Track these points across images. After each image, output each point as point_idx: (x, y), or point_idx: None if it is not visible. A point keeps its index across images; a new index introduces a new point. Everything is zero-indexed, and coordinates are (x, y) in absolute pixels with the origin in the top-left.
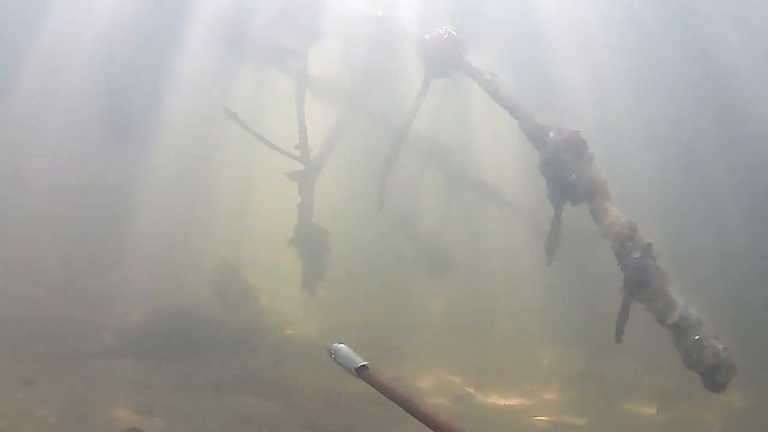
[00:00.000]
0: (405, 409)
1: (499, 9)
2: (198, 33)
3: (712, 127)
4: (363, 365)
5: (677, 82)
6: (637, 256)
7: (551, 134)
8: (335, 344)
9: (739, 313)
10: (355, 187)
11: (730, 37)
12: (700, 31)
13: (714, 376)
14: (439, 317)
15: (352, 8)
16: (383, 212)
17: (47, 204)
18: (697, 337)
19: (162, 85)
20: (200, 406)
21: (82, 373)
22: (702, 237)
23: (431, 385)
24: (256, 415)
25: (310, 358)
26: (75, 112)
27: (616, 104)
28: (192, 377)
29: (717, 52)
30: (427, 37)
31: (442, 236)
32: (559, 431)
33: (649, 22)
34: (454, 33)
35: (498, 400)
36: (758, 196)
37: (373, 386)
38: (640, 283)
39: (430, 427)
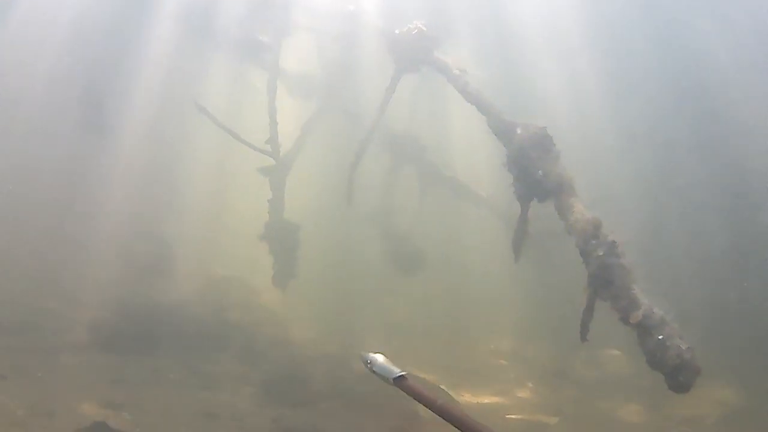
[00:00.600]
0: (446, 420)
1: (474, 4)
2: (170, 26)
3: (690, 128)
4: (401, 375)
5: (655, 81)
6: (601, 253)
7: (518, 130)
8: (370, 354)
9: (715, 312)
10: (329, 183)
11: (709, 36)
12: (678, 30)
13: (677, 376)
14: (411, 314)
15: (324, 2)
16: (357, 208)
17: (20, 196)
18: (660, 337)
19: (133, 78)
20: (169, 401)
21: (52, 367)
22: (680, 238)
23: None
24: (224, 410)
25: (280, 353)
26: (46, 102)
27: (593, 104)
28: (162, 372)
29: (695, 52)
30: (397, 32)
31: (415, 233)
32: (530, 430)
33: (627, 21)
34: (424, 28)
35: (471, 399)
36: (737, 196)
37: (412, 396)
38: (604, 281)
39: None
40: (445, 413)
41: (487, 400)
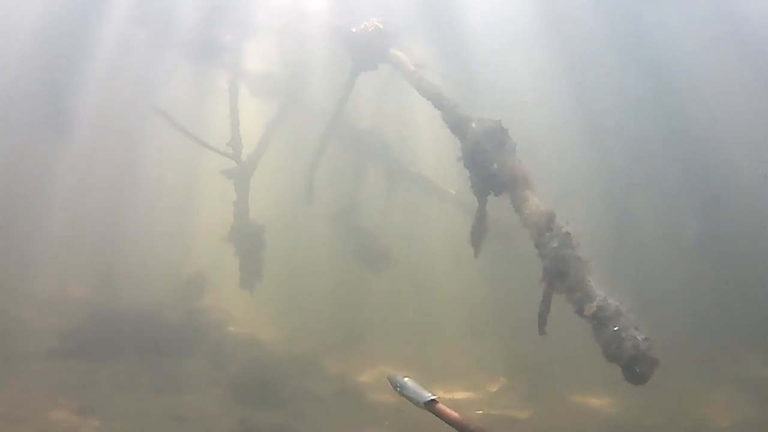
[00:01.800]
0: None
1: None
2: (131, 28)
3: (660, 120)
4: (432, 399)
5: (623, 73)
6: (555, 245)
7: (473, 124)
8: (399, 377)
9: (684, 305)
10: (294, 183)
11: (674, 28)
12: (643, 22)
13: (634, 368)
14: (380, 311)
15: (283, 2)
16: (322, 207)
17: None
18: (615, 329)
19: (94, 80)
20: (138, 406)
21: (22, 375)
22: (651, 230)
23: (375, 380)
24: (192, 412)
25: (248, 355)
26: (7, 104)
27: (559, 97)
28: (132, 377)
29: (661, 44)
30: (354, 30)
31: (381, 230)
32: (499, 425)
33: (591, 13)
34: (380, 26)
35: (443, 395)
36: (708, 188)
37: (443, 420)
38: (558, 273)
39: None
40: None
41: (458, 395)
